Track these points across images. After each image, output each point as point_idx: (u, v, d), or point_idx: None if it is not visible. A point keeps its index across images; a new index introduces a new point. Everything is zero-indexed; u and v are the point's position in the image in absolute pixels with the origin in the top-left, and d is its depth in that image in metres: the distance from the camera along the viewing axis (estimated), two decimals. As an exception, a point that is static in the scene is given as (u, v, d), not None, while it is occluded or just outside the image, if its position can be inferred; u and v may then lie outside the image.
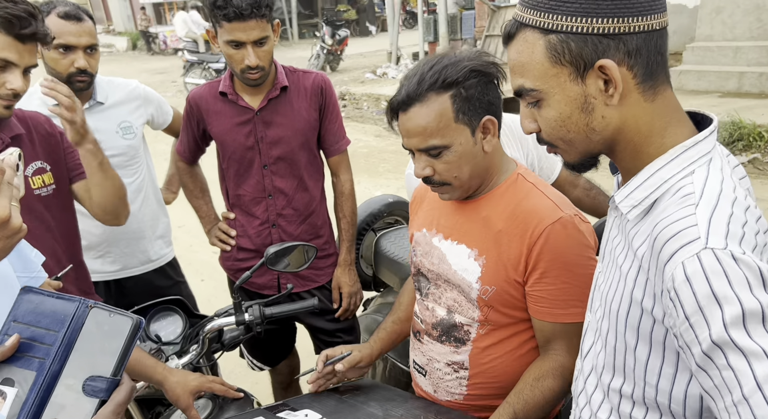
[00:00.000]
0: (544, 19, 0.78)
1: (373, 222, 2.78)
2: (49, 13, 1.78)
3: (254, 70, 1.71)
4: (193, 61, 11.23)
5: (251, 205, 1.94)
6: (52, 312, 0.68)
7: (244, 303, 1.46)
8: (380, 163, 6.65)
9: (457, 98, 1.13)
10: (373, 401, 1.30)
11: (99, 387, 0.66)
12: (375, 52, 16.03)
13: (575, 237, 1.15)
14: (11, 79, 1.33)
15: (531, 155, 1.85)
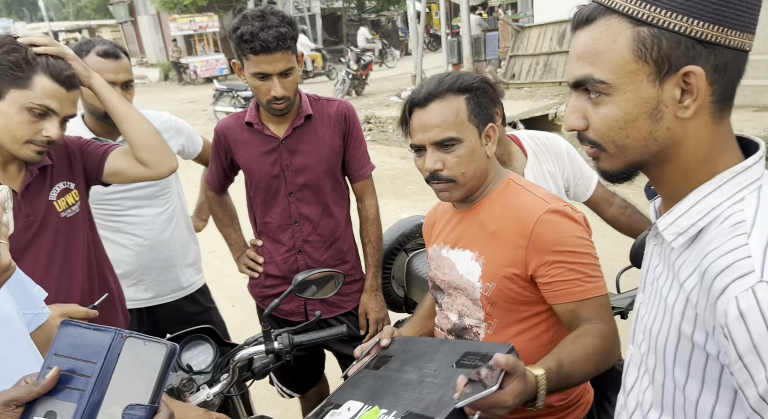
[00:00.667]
0: (640, 8, 0.70)
1: (405, 243, 2.78)
2: (88, 52, 1.87)
3: (280, 100, 1.75)
4: (223, 90, 11.53)
5: (278, 232, 1.96)
6: (90, 343, 0.70)
7: (273, 331, 1.46)
8: (406, 185, 6.67)
9: (470, 101, 1.26)
10: (407, 365, 1.26)
11: (138, 416, 0.67)
12: (399, 75, 16.21)
13: (568, 223, 1.21)
14: (48, 127, 1.36)
15: (566, 171, 1.85)
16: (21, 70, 1.30)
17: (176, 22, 19.74)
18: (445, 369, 1.16)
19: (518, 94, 9.75)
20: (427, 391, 1.11)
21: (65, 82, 1.34)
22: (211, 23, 20.34)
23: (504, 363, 0.95)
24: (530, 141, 1.83)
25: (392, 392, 1.19)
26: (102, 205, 1.98)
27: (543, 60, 10.24)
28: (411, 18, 12.37)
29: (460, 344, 1.25)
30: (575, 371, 1.12)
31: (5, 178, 1.44)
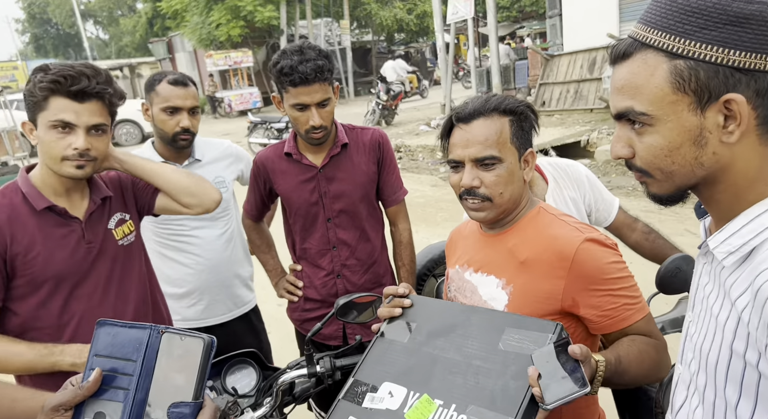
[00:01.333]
0: (675, 42, 0.73)
1: (434, 268, 2.78)
2: (161, 81, 2.03)
3: (318, 129, 1.82)
4: (257, 122, 11.84)
5: (317, 257, 2.01)
6: (128, 341, 0.69)
7: (315, 355, 1.47)
8: (437, 213, 6.67)
9: (514, 124, 1.25)
10: (438, 339, 1.18)
11: (183, 413, 0.66)
12: (428, 105, 16.37)
13: (605, 250, 1.19)
14: (74, 140, 1.42)
15: (588, 197, 1.84)
16: (36, 96, 1.40)
17: (212, 58, 20.47)
18: (492, 351, 1.09)
19: (549, 121, 9.73)
20: (484, 380, 1.05)
21: (76, 95, 1.40)
22: (246, 58, 21.02)
23: (579, 354, 0.96)
24: (550, 168, 1.83)
25: (437, 377, 1.11)
26: (166, 224, 2.10)
27: (573, 87, 10.23)
28: (440, 49, 12.55)
29: (496, 316, 1.17)
30: (631, 369, 1.11)
31: (71, 206, 1.52)
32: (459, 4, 10.93)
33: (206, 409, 0.67)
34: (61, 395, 0.68)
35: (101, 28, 52.68)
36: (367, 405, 1.13)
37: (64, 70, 1.39)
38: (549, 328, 1.06)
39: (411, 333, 1.23)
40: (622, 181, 6.78)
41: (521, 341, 1.07)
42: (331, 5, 23.19)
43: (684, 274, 1.52)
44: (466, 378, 1.07)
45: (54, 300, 1.49)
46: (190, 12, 22.56)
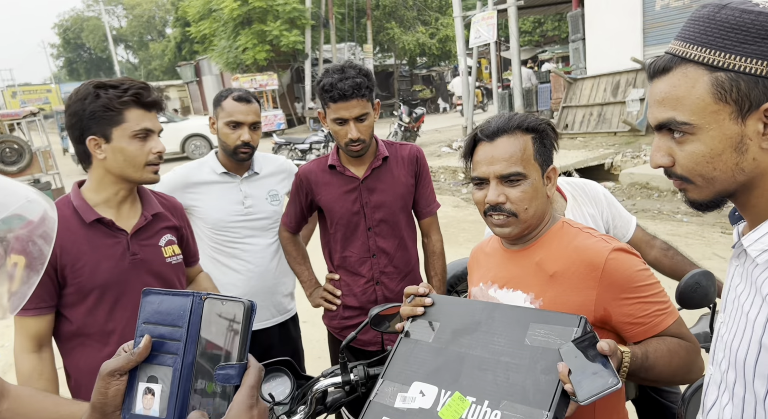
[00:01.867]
0: (715, 56, 0.77)
1: (457, 284, 2.80)
2: (226, 97, 2.16)
3: (356, 142, 1.93)
4: (282, 143, 12.07)
5: (357, 265, 2.09)
6: (172, 308, 0.72)
7: (348, 363, 1.50)
8: (459, 233, 6.66)
9: (536, 141, 1.28)
10: (464, 337, 1.19)
11: (230, 374, 0.68)
12: (450, 127, 16.48)
13: (632, 259, 1.21)
14: (154, 144, 1.56)
15: (605, 214, 1.87)
16: (114, 110, 1.50)
17: (238, 81, 20.94)
18: (519, 347, 1.11)
19: (572, 143, 9.71)
20: (515, 375, 1.07)
21: (147, 105, 1.54)
22: (271, 81, 21.45)
23: (608, 350, 0.98)
24: (568, 186, 1.86)
25: (466, 374, 1.13)
26: (224, 231, 2.21)
27: (597, 110, 10.23)
28: (462, 72, 12.69)
29: (519, 312, 1.18)
30: (658, 366, 1.13)
31: (118, 219, 1.60)
32: (482, 29, 11.08)
33: (251, 370, 0.68)
34: (116, 361, 0.71)
35: (131, 52, 54.42)
36: (399, 406, 1.15)
37: (136, 85, 1.53)
38: (573, 322, 1.07)
39: (435, 332, 1.25)
40: (647, 204, 6.72)
41: (547, 336, 1.09)
42: (355, 30, 23.66)
43: (704, 290, 1.53)
44: (496, 375, 1.09)
45: (100, 308, 1.56)
46: (218, 36, 23.21)
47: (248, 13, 21.27)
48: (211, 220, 2.18)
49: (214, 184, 2.20)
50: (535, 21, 27.84)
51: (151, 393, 0.71)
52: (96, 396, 0.70)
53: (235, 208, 2.20)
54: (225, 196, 2.21)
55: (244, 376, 0.68)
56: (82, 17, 52.03)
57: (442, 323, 1.26)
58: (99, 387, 0.70)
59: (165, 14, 47.13)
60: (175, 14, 33.68)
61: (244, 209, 2.21)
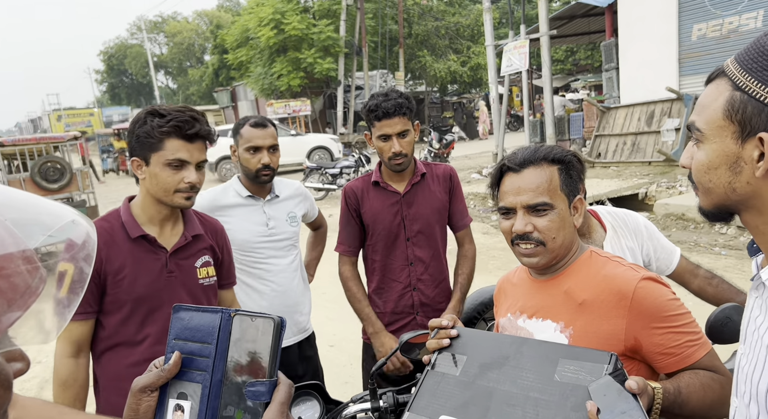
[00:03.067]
0: (741, 75, 0.80)
1: (484, 312, 2.78)
2: (244, 125, 2.27)
3: (398, 156, 2.13)
4: (313, 168, 12.24)
5: (396, 272, 2.25)
6: (202, 325, 0.72)
7: (378, 390, 1.49)
8: (489, 261, 6.59)
9: (562, 172, 1.30)
10: (492, 371, 1.17)
11: (260, 391, 0.67)
12: (480, 154, 16.48)
13: (662, 288, 1.21)
14: (187, 174, 1.61)
15: (646, 246, 1.84)
16: (154, 138, 1.57)
17: (273, 107, 21.44)
18: (549, 383, 1.09)
19: (605, 173, 9.59)
20: (544, 412, 1.05)
21: (188, 137, 1.59)
22: (304, 107, 21.91)
23: (637, 389, 0.96)
24: (609, 216, 1.85)
25: (494, 409, 1.11)
26: (249, 252, 2.28)
27: (631, 140, 10.10)
28: (493, 100, 12.74)
29: (548, 347, 1.16)
30: (691, 402, 1.10)
31: (161, 236, 1.67)
32: (514, 57, 11.14)
33: (281, 386, 0.68)
34: (147, 377, 0.72)
35: (171, 77, 56.38)
36: None
37: (180, 116, 1.58)
38: (604, 359, 1.05)
39: (463, 366, 1.23)
40: (683, 236, 6.55)
41: (577, 372, 1.07)
42: (387, 58, 24.06)
43: (734, 324, 1.48)
44: (525, 411, 1.07)
45: (133, 319, 1.64)
46: (254, 63, 23.89)
47: (284, 41, 21.89)
48: (238, 241, 2.24)
49: (240, 207, 2.29)
50: (567, 50, 27.87)
51: (180, 409, 0.71)
52: (128, 412, 0.71)
53: (260, 229, 2.29)
54: (250, 218, 2.29)
55: (274, 393, 0.68)
56: (126, 45, 54.31)
57: (470, 356, 1.24)
58: (130, 404, 0.71)
59: (204, 42, 48.86)
60: (214, 42, 34.88)
61: (268, 230, 2.30)
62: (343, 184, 11.96)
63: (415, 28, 25.72)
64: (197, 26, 50.36)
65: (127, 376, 1.62)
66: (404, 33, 23.80)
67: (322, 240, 2.81)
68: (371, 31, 23.42)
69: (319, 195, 12.11)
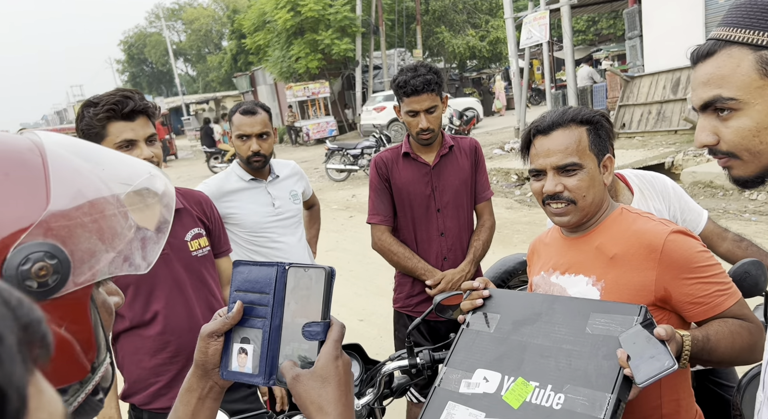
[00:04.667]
0: (758, 36, 0.81)
1: (508, 280, 2.83)
2: (235, 112, 2.31)
3: (426, 131, 2.18)
4: (334, 149, 12.30)
5: (427, 243, 2.29)
6: (260, 278, 0.80)
7: (415, 348, 1.58)
8: (514, 235, 6.62)
9: (591, 132, 1.34)
10: (524, 327, 1.23)
11: (316, 331, 0.75)
12: (501, 129, 16.32)
13: (692, 241, 1.25)
14: (138, 152, 1.61)
15: (673, 208, 1.85)
16: (95, 127, 1.60)
17: (292, 90, 21.48)
18: (581, 335, 1.14)
19: (630, 143, 9.46)
20: (577, 361, 1.10)
21: (126, 116, 1.60)
22: (323, 89, 21.89)
23: (665, 335, 1.01)
24: (635, 179, 1.86)
25: (529, 361, 1.16)
26: (261, 232, 2.34)
27: (656, 108, 9.92)
28: (514, 73, 12.58)
29: (579, 303, 1.21)
30: (720, 348, 1.14)
31: None
32: (534, 29, 10.96)
33: (334, 327, 0.76)
34: (213, 324, 0.80)
35: (190, 65, 56.72)
36: (464, 391, 1.20)
37: (112, 99, 1.59)
38: (633, 311, 1.10)
39: (497, 324, 1.30)
40: (712, 203, 6.47)
41: (608, 324, 1.12)
42: (405, 36, 23.83)
43: (753, 278, 1.51)
44: (558, 361, 1.13)
45: (137, 301, 1.71)
46: (272, 47, 23.88)
47: (301, 23, 21.81)
48: (249, 224, 2.30)
49: (245, 191, 2.34)
50: (588, 19, 27.19)
51: (244, 352, 0.79)
52: (198, 355, 0.80)
53: (267, 209, 2.34)
54: (257, 199, 2.34)
55: (328, 332, 0.75)
56: (145, 33, 54.72)
57: (503, 315, 1.30)
58: (200, 347, 0.79)
59: (221, 28, 48.93)
60: (231, 27, 34.92)
61: (275, 210, 2.36)
62: (365, 164, 12.00)
63: (432, 4, 25.35)
64: (214, 12, 50.39)
65: (145, 351, 1.73)
66: (421, 9, 23.50)
67: (317, 218, 2.88)
68: (387, 9, 23.16)
69: (342, 176, 12.19)
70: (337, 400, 0.71)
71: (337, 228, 7.82)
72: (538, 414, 1.08)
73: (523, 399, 1.12)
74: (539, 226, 6.77)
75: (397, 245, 2.32)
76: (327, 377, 0.72)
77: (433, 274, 2.29)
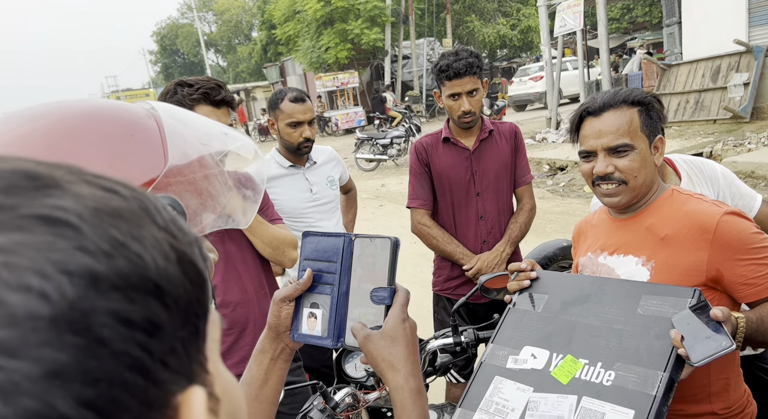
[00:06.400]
0: None
1: (548, 265, 2.82)
2: (282, 99, 2.33)
3: (467, 114, 2.20)
4: (364, 139, 12.35)
5: (466, 227, 2.32)
6: (328, 247, 0.84)
7: (459, 326, 1.60)
8: (547, 224, 6.56)
9: (642, 113, 1.33)
10: (574, 307, 1.23)
11: (383, 296, 0.79)
12: (532, 119, 16.11)
13: (745, 223, 1.23)
14: None
15: (722, 193, 1.82)
16: (185, 105, 1.66)
17: (321, 80, 21.59)
18: (632, 316, 1.14)
19: (667, 133, 9.15)
20: (628, 341, 1.10)
21: (215, 103, 1.69)
22: (352, 79, 21.93)
23: (722, 317, 1.01)
24: (684, 164, 1.84)
25: (578, 339, 1.17)
26: (300, 218, 2.39)
27: (694, 97, 9.66)
28: (546, 62, 12.39)
29: (630, 285, 1.21)
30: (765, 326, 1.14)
31: None
32: (567, 17, 10.76)
33: (400, 292, 0.80)
34: (285, 290, 0.85)
35: (221, 55, 57.36)
36: (511, 366, 1.21)
37: (207, 84, 1.69)
38: (687, 294, 1.10)
39: (544, 304, 1.30)
40: (753, 195, 6.30)
41: (660, 306, 1.12)
42: (435, 25, 23.64)
43: None
44: (609, 340, 1.13)
45: None
46: (302, 37, 24.01)
47: (331, 13, 21.84)
48: (288, 209, 2.34)
49: (284, 177, 2.39)
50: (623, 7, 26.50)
51: (314, 316, 0.84)
52: (271, 318, 0.84)
53: (305, 195, 2.39)
54: (296, 186, 2.39)
55: (394, 297, 0.79)
56: (177, 25, 55.52)
57: (551, 295, 1.31)
58: (273, 311, 0.84)
59: (251, 18, 49.31)
60: (261, 18, 35.16)
61: (313, 195, 2.41)
62: (394, 154, 12.00)
63: (462, -7, 25.08)
64: (244, 3, 50.77)
65: None
66: (451, -2, 23.27)
67: (354, 202, 2.92)
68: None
69: (371, 166, 12.23)
70: (406, 358, 0.75)
71: (367, 217, 7.87)
72: (587, 389, 1.09)
73: (573, 376, 1.12)
74: (572, 216, 6.70)
75: (436, 229, 2.34)
76: (396, 337, 0.76)
77: (471, 258, 2.31)
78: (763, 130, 8.00)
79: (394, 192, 9.61)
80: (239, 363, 1.77)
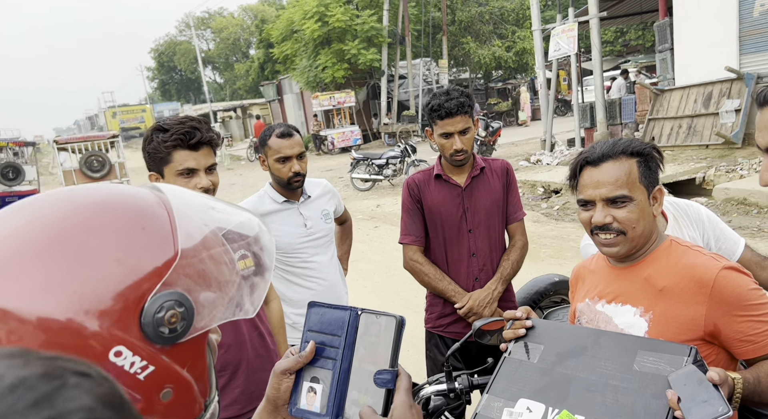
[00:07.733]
0: None
1: (540, 300, 2.82)
2: (270, 135, 2.34)
3: (460, 152, 2.22)
4: (359, 158, 12.38)
5: (458, 263, 2.31)
6: (333, 320, 0.82)
7: (453, 372, 1.59)
8: (541, 249, 6.57)
9: (641, 165, 1.34)
10: (569, 360, 1.22)
11: (387, 379, 0.76)
12: (527, 140, 16.23)
13: (743, 278, 1.24)
14: (197, 180, 1.68)
15: (707, 236, 1.83)
16: (161, 153, 1.67)
17: (318, 99, 21.71)
18: (628, 372, 1.13)
19: (659, 157, 9.29)
20: (624, 398, 1.09)
21: (192, 146, 1.68)
22: (348, 98, 22.06)
23: (718, 380, 1.00)
24: (670, 206, 1.85)
25: (574, 394, 1.16)
26: (294, 253, 2.39)
27: (686, 123, 9.76)
28: (541, 85, 12.53)
29: (626, 339, 1.20)
30: None
31: None
32: (562, 41, 10.91)
33: (402, 376, 0.78)
34: (286, 361, 0.82)
35: (218, 73, 57.68)
36: None
37: (181, 128, 1.67)
38: (684, 351, 1.09)
39: (540, 354, 1.29)
40: (745, 221, 6.34)
41: (656, 363, 1.11)
42: (431, 46, 23.89)
43: None
44: (605, 396, 1.12)
45: None
46: (299, 56, 24.18)
47: (328, 33, 22.05)
48: (282, 245, 2.34)
49: (278, 212, 2.38)
50: (616, 30, 26.94)
51: (313, 391, 0.81)
52: (270, 390, 0.83)
53: (299, 230, 2.39)
54: (290, 221, 2.38)
55: (397, 381, 0.77)
56: (175, 42, 55.89)
57: (547, 346, 1.30)
58: (273, 383, 0.82)
59: (249, 37, 49.74)
60: (259, 36, 35.46)
61: (307, 230, 2.40)
62: (390, 174, 12.03)
63: (458, 15, 25.38)
64: (242, 21, 51.24)
65: None
66: (447, 20, 23.53)
67: (349, 233, 2.91)
68: (414, 20, 23.28)
69: (366, 186, 12.24)
70: None
71: (362, 238, 7.86)
72: None
73: None
74: (566, 240, 6.71)
75: (428, 266, 2.34)
76: None
77: (462, 296, 2.30)
78: (755, 156, 8.07)
79: (390, 212, 9.62)
80: (230, 405, 1.75)
